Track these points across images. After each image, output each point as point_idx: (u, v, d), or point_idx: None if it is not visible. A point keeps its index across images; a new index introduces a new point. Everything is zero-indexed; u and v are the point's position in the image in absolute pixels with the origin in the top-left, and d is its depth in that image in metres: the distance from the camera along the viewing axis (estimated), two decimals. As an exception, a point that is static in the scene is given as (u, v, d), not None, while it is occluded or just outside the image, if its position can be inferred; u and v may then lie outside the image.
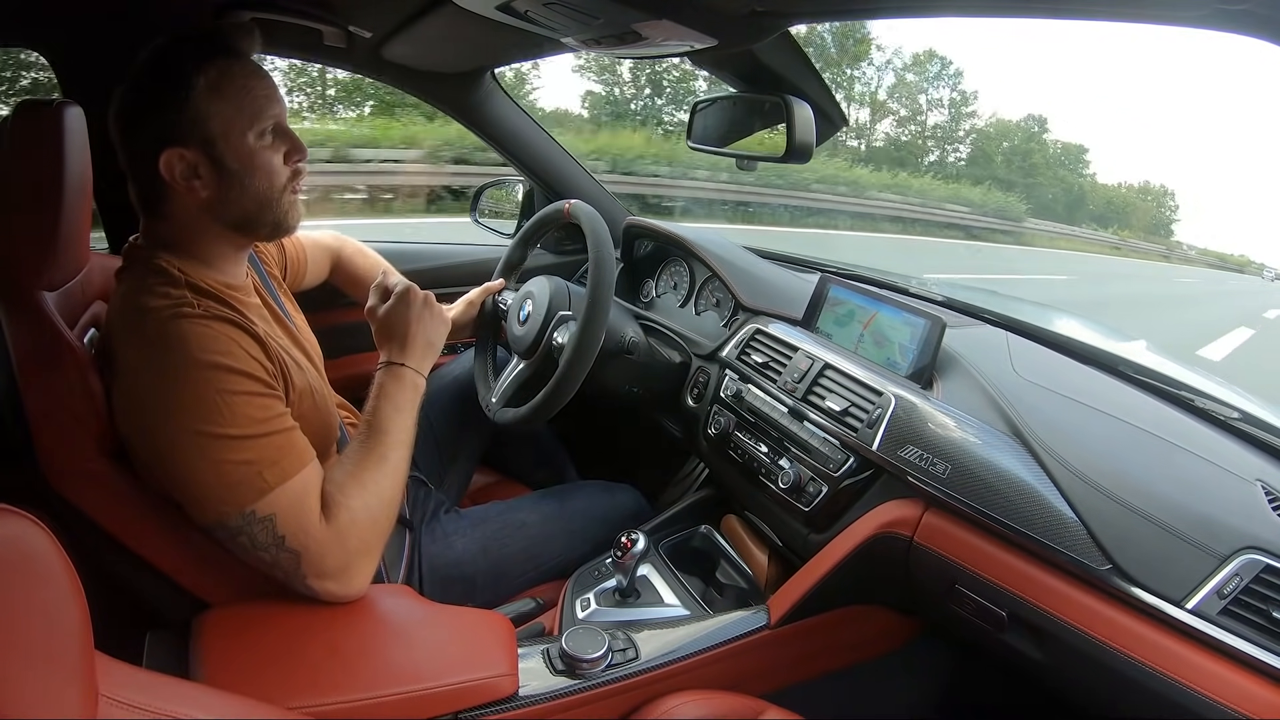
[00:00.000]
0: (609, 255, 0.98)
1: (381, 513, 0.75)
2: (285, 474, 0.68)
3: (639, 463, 1.44)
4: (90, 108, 0.72)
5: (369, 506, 0.74)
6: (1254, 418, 0.79)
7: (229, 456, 0.66)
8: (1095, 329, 1.15)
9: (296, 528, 0.68)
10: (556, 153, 1.52)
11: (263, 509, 0.67)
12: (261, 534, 0.67)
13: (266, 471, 0.67)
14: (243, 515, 0.66)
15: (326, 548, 0.70)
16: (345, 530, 0.71)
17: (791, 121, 0.94)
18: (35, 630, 0.35)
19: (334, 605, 0.72)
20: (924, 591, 0.84)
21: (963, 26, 9.98)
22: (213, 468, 0.65)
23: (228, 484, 0.66)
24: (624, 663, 0.78)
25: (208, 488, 0.66)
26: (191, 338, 0.67)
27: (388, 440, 0.79)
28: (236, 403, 0.67)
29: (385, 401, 0.82)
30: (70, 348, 0.70)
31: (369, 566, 0.74)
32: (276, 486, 0.67)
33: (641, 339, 1.15)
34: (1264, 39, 0.52)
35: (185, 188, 0.71)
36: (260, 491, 0.67)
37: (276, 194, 0.75)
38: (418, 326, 0.89)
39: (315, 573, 0.69)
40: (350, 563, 0.71)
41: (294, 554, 0.68)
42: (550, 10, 0.78)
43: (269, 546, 0.68)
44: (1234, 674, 0.58)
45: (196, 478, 0.66)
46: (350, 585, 0.72)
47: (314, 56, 1.23)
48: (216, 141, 0.70)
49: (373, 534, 0.74)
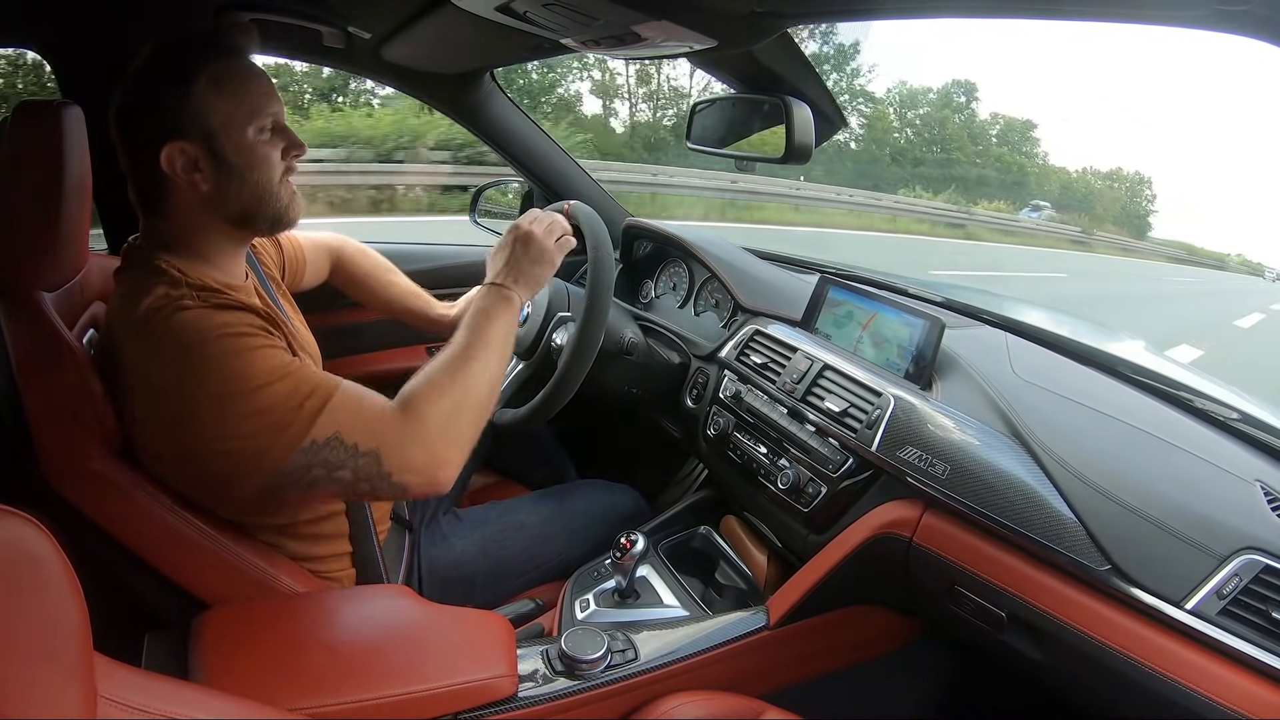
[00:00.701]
0: (608, 256, 0.98)
1: (467, 406, 0.74)
2: (326, 393, 0.68)
3: (638, 463, 1.44)
4: (90, 108, 0.72)
5: (453, 400, 0.73)
6: (1253, 418, 0.79)
7: (267, 403, 0.66)
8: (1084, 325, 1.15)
9: (365, 430, 0.68)
10: (556, 153, 1.52)
11: (321, 433, 0.67)
12: (333, 455, 0.67)
13: (308, 401, 0.67)
14: (304, 450, 0.66)
15: (405, 438, 0.69)
16: (425, 420, 0.70)
17: (791, 122, 0.94)
18: (34, 631, 0.35)
19: (334, 605, 0.72)
20: (923, 592, 0.84)
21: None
22: (257, 418, 0.65)
23: (278, 427, 0.66)
24: (623, 663, 0.78)
25: (260, 440, 0.66)
26: (194, 323, 0.67)
27: (475, 342, 0.78)
28: (255, 357, 0.67)
29: (474, 311, 0.81)
30: (70, 348, 0.70)
31: (454, 460, 0.72)
32: (324, 408, 0.67)
33: (641, 340, 1.15)
34: (1264, 40, 0.52)
35: (186, 182, 0.71)
36: (310, 419, 0.66)
37: (275, 187, 0.75)
38: (513, 251, 0.88)
39: (398, 467, 0.69)
40: (434, 453, 0.71)
41: (372, 455, 0.68)
42: (549, 11, 0.78)
43: (345, 462, 0.67)
44: (1233, 674, 0.59)
45: (246, 436, 0.66)
46: (435, 476, 0.71)
47: (313, 57, 1.23)
48: (217, 135, 0.71)
49: (455, 426, 0.73)
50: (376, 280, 1.18)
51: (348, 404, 0.69)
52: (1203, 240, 42.26)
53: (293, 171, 0.78)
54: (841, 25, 16.90)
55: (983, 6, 0.69)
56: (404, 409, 0.71)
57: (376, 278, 1.18)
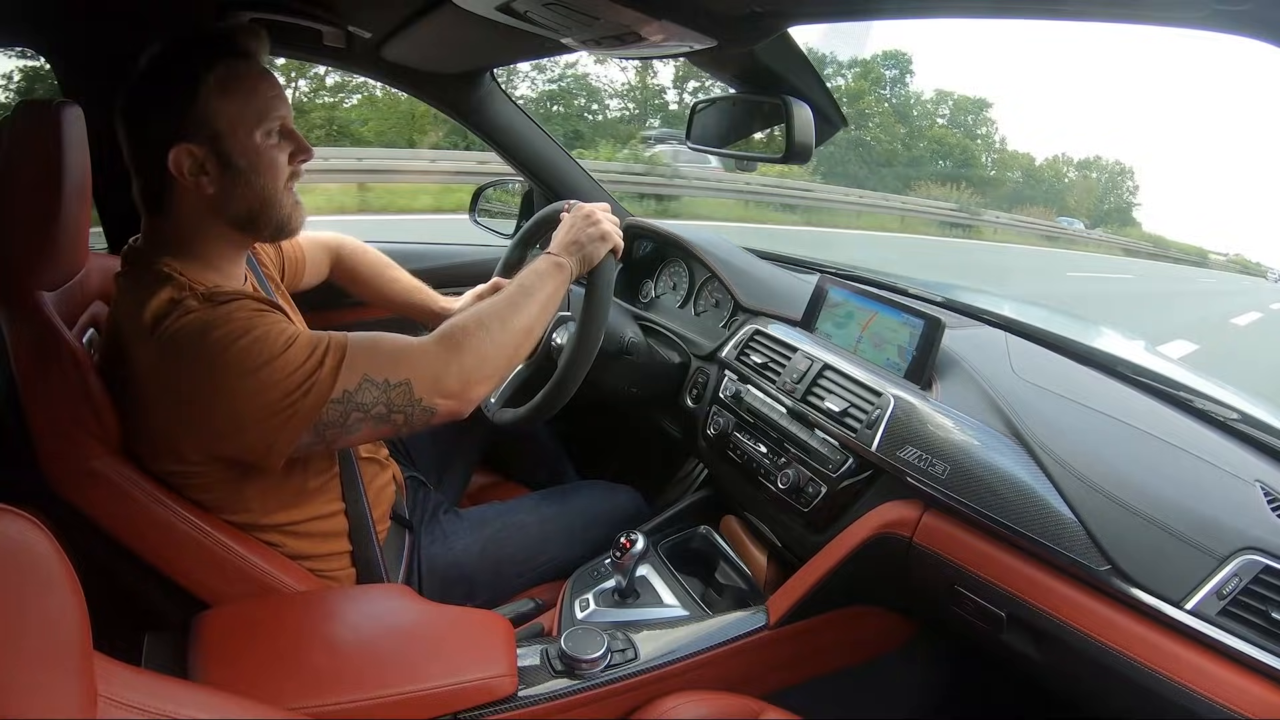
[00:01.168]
0: (608, 258, 0.98)
1: (503, 341, 0.78)
2: (342, 345, 0.70)
3: (638, 463, 1.44)
4: (90, 108, 0.72)
5: (492, 340, 0.77)
6: (1253, 419, 0.79)
7: (287, 370, 0.67)
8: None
9: (391, 364, 0.71)
10: (556, 153, 1.52)
11: (349, 382, 0.69)
12: (366, 397, 0.69)
13: (328, 357, 0.69)
14: (335, 402, 0.68)
15: (438, 362, 0.73)
16: (462, 351, 0.74)
17: (791, 122, 0.94)
18: (34, 631, 0.35)
19: (334, 605, 0.72)
20: (923, 592, 0.84)
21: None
22: (281, 386, 0.67)
23: (304, 390, 0.67)
24: (623, 663, 0.78)
25: (289, 407, 0.67)
26: (203, 325, 0.67)
27: (521, 294, 0.82)
28: (266, 334, 0.68)
29: (528, 270, 0.86)
30: (70, 348, 0.70)
31: (483, 388, 0.77)
32: (344, 359, 0.69)
33: (641, 340, 1.15)
34: (1264, 40, 0.52)
35: (192, 184, 0.72)
36: (333, 373, 0.68)
37: (279, 193, 0.76)
38: (574, 225, 0.92)
39: (430, 390, 0.72)
40: (467, 379, 0.74)
41: (404, 385, 0.71)
42: (550, 11, 0.78)
43: (379, 401, 0.70)
44: (1233, 674, 0.59)
45: (275, 409, 0.67)
46: (467, 396, 0.75)
47: (313, 56, 1.23)
48: (224, 138, 0.71)
49: (489, 356, 0.77)
50: (379, 277, 1.18)
51: (364, 348, 0.71)
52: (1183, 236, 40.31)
53: (298, 177, 0.78)
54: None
55: (983, 6, 0.69)
56: (441, 340, 0.75)
57: (378, 274, 1.18)
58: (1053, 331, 1.03)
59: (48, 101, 0.68)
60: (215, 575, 0.73)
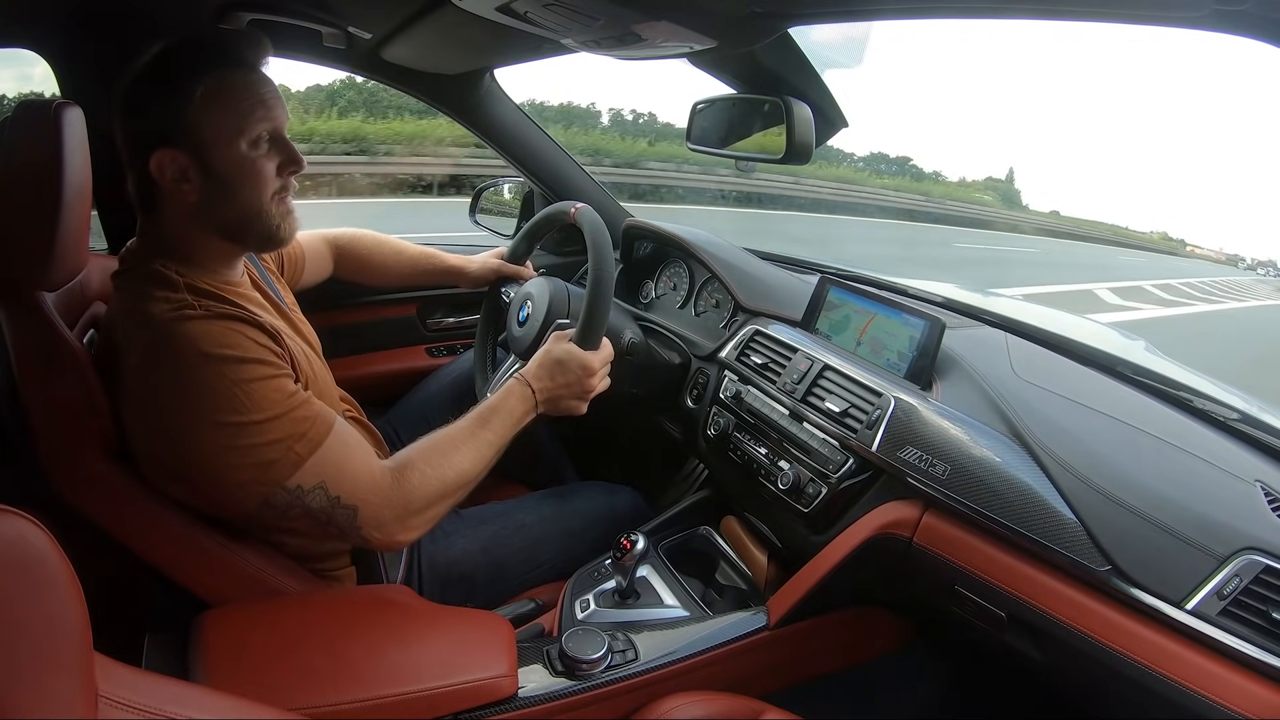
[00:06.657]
0: (608, 256, 0.98)
1: (452, 484, 0.79)
2: (316, 441, 0.70)
3: (638, 463, 1.44)
4: (90, 108, 0.72)
5: (442, 486, 0.77)
6: (1253, 418, 0.79)
7: (258, 440, 0.67)
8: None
9: (350, 486, 0.72)
10: (556, 154, 1.52)
11: (307, 480, 0.69)
12: (314, 500, 0.70)
13: (298, 445, 0.69)
14: (287, 490, 0.69)
15: (387, 501, 0.74)
16: (412, 489, 0.75)
17: (791, 122, 0.94)
18: (34, 631, 0.35)
19: (334, 605, 0.72)
20: (923, 592, 0.84)
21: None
22: (245, 454, 0.67)
23: (263, 464, 0.67)
24: (623, 664, 0.78)
25: (245, 472, 0.67)
26: (198, 336, 0.67)
27: (482, 434, 0.84)
28: (253, 389, 0.67)
29: (495, 402, 0.87)
30: (70, 348, 0.70)
31: (419, 532, 0.78)
32: (310, 455, 0.69)
33: (641, 340, 1.15)
34: (1262, 40, 0.52)
35: (174, 190, 0.71)
36: (296, 465, 0.69)
37: (265, 204, 0.74)
38: (565, 374, 0.91)
39: (371, 524, 0.73)
40: (407, 524, 0.75)
41: (351, 510, 0.72)
42: (550, 11, 0.78)
43: (325, 508, 0.71)
44: (1234, 675, 0.58)
45: (231, 467, 0.67)
46: (396, 540, 0.76)
47: (314, 58, 1.23)
48: (208, 147, 0.70)
49: (435, 508, 0.78)
50: (385, 254, 1.20)
51: (336, 456, 0.71)
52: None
53: (289, 189, 0.77)
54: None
55: (983, 7, 0.69)
56: (396, 478, 0.75)
57: (384, 253, 1.20)
58: (1053, 332, 1.03)
59: (48, 101, 0.68)
60: (215, 575, 0.73)
